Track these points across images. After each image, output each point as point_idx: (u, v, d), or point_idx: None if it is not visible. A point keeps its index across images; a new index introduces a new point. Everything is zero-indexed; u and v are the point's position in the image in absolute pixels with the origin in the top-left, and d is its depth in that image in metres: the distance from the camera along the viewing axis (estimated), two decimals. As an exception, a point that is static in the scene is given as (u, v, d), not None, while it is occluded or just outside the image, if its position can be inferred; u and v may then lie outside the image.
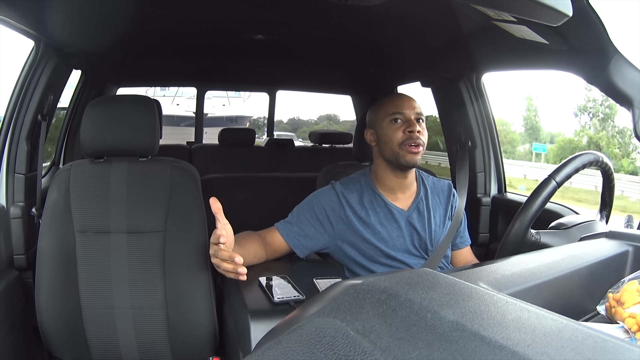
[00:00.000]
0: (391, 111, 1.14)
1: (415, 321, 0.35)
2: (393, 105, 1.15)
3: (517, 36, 1.05)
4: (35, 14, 1.18)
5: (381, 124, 1.16)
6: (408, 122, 1.13)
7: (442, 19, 1.21)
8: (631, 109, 0.93)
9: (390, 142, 1.14)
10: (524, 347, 0.31)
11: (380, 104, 1.19)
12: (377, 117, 1.17)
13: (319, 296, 0.48)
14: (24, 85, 1.32)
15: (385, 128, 1.15)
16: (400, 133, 1.13)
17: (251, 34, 1.65)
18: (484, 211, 1.75)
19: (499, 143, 1.80)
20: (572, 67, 1.08)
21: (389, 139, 1.14)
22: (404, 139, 1.12)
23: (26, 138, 1.32)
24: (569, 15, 0.70)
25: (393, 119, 1.14)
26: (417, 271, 0.45)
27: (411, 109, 1.14)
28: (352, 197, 1.16)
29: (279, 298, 0.88)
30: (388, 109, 1.15)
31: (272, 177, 2.17)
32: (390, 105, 1.15)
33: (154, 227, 1.20)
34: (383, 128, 1.15)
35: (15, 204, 1.31)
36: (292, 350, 0.34)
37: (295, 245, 1.14)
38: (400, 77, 2.29)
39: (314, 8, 1.27)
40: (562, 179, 0.88)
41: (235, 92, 10.65)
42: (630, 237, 0.72)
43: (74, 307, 1.16)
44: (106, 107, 1.24)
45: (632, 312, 0.55)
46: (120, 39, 1.62)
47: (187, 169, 1.25)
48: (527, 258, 0.63)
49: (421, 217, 1.18)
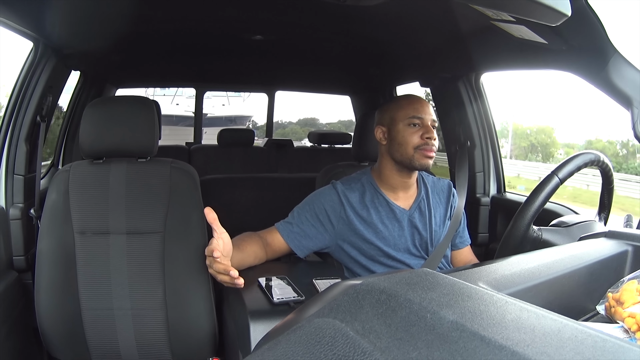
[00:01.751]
0: (411, 114, 1.14)
1: (414, 321, 0.35)
2: (413, 108, 1.15)
3: (516, 36, 1.05)
4: (34, 15, 1.18)
5: (397, 125, 1.15)
6: (426, 127, 1.13)
7: (440, 18, 1.21)
8: (630, 109, 0.93)
9: (406, 145, 1.14)
10: (524, 347, 0.31)
11: (399, 104, 1.18)
12: (394, 117, 1.16)
13: (318, 297, 0.48)
14: (23, 86, 1.32)
15: (401, 130, 1.15)
16: (418, 137, 1.13)
17: (250, 35, 1.65)
18: (483, 211, 1.76)
19: (498, 143, 1.80)
20: (571, 67, 1.08)
21: (405, 142, 1.14)
22: (420, 144, 1.13)
23: (25, 139, 1.32)
24: (567, 15, 0.70)
25: (412, 122, 1.14)
26: (417, 271, 0.45)
27: (429, 114, 1.15)
28: (353, 196, 1.16)
29: (278, 299, 0.88)
30: (408, 111, 1.15)
31: (271, 178, 2.17)
32: (410, 108, 1.15)
33: (153, 228, 1.20)
34: (399, 129, 1.15)
35: (14, 205, 1.30)
36: (291, 351, 0.34)
37: (295, 245, 1.13)
38: (399, 77, 2.30)
39: (313, 8, 1.27)
40: (564, 176, 0.88)
41: (235, 92, 10.65)
42: (630, 237, 0.72)
43: (74, 308, 1.16)
44: (105, 108, 1.24)
45: (632, 311, 0.55)
46: (119, 40, 1.62)
47: (186, 169, 1.25)
48: (526, 258, 0.63)
49: (422, 216, 1.18)
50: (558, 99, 17.47)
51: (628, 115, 0.94)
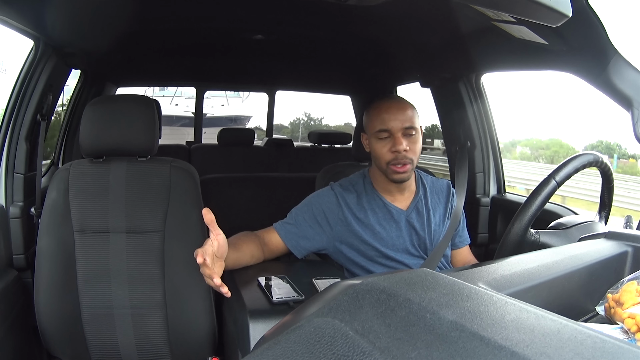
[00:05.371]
0: (377, 127, 1.11)
1: (414, 321, 0.35)
2: (380, 120, 1.10)
3: (516, 36, 1.05)
4: (34, 13, 1.18)
5: (370, 137, 1.14)
6: (395, 139, 1.09)
7: (441, 19, 1.21)
8: (630, 110, 0.93)
9: (379, 158, 1.12)
10: (523, 348, 0.30)
11: (369, 115, 1.15)
12: (367, 127, 1.15)
13: (318, 296, 0.48)
14: (23, 85, 1.32)
15: (373, 143, 1.13)
16: (387, 151, 1.10)
17: (250, 34, 1.66)
18: (483, 211, 1.76)
19: (498, 143, 1.80)
20: (571, 68, 1.08)
21: (377, 155, 1.13)
22: (390, 159, 1.10)
23: (25, 138, 1.32)
24: (568, 15, 0.70)
25: (380, 136, 1.11)
26: (416, 271, 0.45)
27: (398, 122, 1.09)
28: (351, 198, 1.16)
29: (278, 298, 0.88)
30: (375, 124, 1.11)
31: (271, 177, 2.17)
32: (377, 120, 1.11)
33: (153, 227, 1.20)
34: (372, 142, 1.14)
35: (14, 203, 1.30)
36: (291, 350, 0.34)
37: (293, 246, 1.13)
38: (400, 77, 2.30)
39: (313, 8, 1.27)
40: (562, 179, 0.87)
41: (234, 92, 10.64)
42: (630, 238, 0.72)
43: (73, 307, 1.16)
44: (105, 106, 1.24)
45: (631, 312, 0.55)
46: (119, 39, 1.62)
47: (186, 168, 1.25)
48: (526, 258, 0.63)
49: (420, 216, 1.18)
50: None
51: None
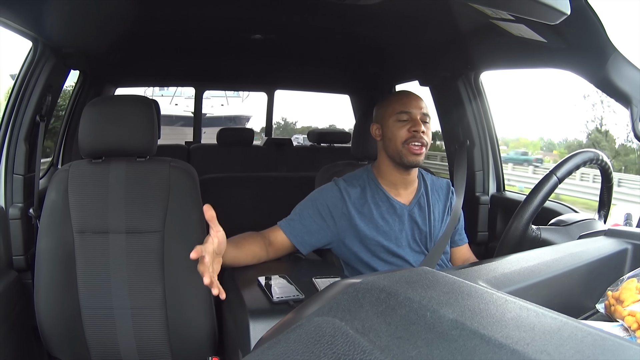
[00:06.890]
0: (398, 109, 1.15)
1: (414, 320, 0.35)
2: (400, 103, 1.16)
3: (515, 35, 1.05)
4: (33, 14, 1.18)
5: (387, 121, 1.17)
6: (414, 121, 1.14)
7: (440, 17, 1.21)
8: (629, 107, 0.93)
9: (394, 140, 1.15)
10: (524, 346, 0.31)
11: (389, 100, 1.19)
12: (384, 114, 1.18)
13: (318, 295, 0.48)
14: (22, 86, 1.32)
15: (390, 125, 1.16)
16: (405, 131, 1.13)
17: (249, 34, 1.65)
18: (482, 210, 1.76)
19: (498, 142, 1.80)
20: (570, 66, 1.08)
21: (393, 136, 1.15)
22: (407, 137, 1.13)
23: (24, 139, 1.32)
24: (567, 13, 0.70)
25: (400, 117, 1.15)
26: (416, 270, 0.45)
27: (418, 108, 1.15)
28: (354, 192, 1.17)
29: (278, 297, 0.88)
30: (395, 106, 1.16)
31: (270, 177, 2.17)
32: (398, 103, 1.16)
33: (152, 227, 1.20)
34: (389, 125, 1.16)
35: (14, 204, 1.30)
36: (291, 350, 0.34)
37: (298, 242, 1.14)
38: (399, 76, 2.29)
39: (312, 7, 1.27)
40: (563, 175, 0.88)
41: (233, 92, 10.64)
42: (629, 235, 0.72)
43: (73, 307, 1.16)
44: (104, 107, 1.24)
45: (632, 310, 0.55)
46: (118, 39, 1.62)
47: (185, 168, 1.25)
48: (526, 256, 0.63)
49: (422, 211, 1.20)
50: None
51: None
